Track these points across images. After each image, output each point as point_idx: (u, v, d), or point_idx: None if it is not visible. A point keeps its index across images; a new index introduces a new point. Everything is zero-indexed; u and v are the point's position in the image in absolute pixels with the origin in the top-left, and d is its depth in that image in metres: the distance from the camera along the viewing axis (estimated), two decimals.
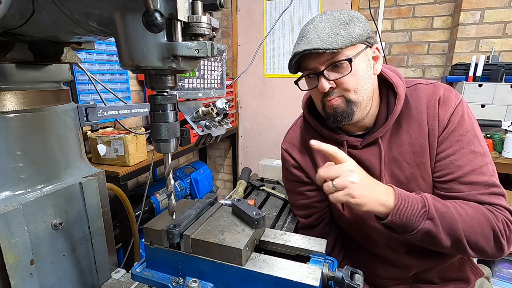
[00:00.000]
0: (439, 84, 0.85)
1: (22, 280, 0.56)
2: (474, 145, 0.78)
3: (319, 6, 2.73)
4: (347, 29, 0.76)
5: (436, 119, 0.80)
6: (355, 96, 0.79)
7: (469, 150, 0.78)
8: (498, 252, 0.75)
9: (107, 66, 2.11)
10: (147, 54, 0.42)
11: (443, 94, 0.82)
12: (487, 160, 0.79)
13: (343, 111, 0.80)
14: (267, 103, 3.15)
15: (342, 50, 0.75)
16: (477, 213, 0.73)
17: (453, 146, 0.79)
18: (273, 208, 1.33)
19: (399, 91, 0.82)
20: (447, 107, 0.80)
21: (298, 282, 0.51)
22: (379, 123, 0.87)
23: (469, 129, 0.79)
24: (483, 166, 0.77)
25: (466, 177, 0.77)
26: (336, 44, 0.74)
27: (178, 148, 0.79)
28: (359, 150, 0.88)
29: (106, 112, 0.73)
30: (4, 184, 0.57)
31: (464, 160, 0.78)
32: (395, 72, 0.89)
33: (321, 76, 0.78)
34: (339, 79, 0.78)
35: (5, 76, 0.57)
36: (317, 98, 0.85)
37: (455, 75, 2.14)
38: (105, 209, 0.75)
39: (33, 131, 0.60)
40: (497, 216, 0.74)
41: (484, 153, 0.79)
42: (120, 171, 1.67)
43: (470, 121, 0.80)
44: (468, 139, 0.78)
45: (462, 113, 0.79)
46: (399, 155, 0.84)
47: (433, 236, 0.71)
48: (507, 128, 1.85)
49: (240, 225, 0.62)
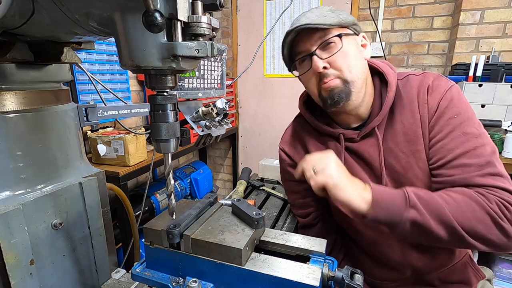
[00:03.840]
0: (429, 73, 0.85)
1: (22, 280, 0.56)
2: (467, 127, 0.75)
3: (318, 6, 2.73)
4: (335, 13, 0.81)
5: (425, 106, 0.80)
6: (351, 75, 0.80)
7: (461, 133, 0.75)
8: (507, 239, 0.66)
9: (107, 66, 2.11)
10: (147, 54, 0.42)
11: (432, 82, 0.82)
12: (483, 142, 0.74)
13: (340, 91, 0.81)
14: (267, 103, 3.15)
15: (331, 29, 0.80)
16: (464, 197, 0.68)
17: (443, 130, 0.77)
18: (273, 208, 1.33)
19: (389, 79, 0.84)
20: (436, 93, 0.80)
21: (298, 282, 0.51)
22: (374, 113, 0.87)
23: (460, 112, 0.77)
24: (478, 148, 0.73)
25: (457, 159, 0.74)
26: (326, 21, 0.78)
27: (178, 148, 0.79)
28: (357, 143, 0.88)
29: (106, 112, 0.73)
30: (4, 184, 0.57)
31: (455, 142, 0.75)
32: (386, 63, 0.90)
33: (313, 56, 0.80)
34: (332, 56, 0.80)
35: (5, 76, 0.57)
36: (313, 84, 0.85)
37: (455, 75, 2.14)
38: (105, 209, 0.75)
39: (33, 131, 0.60)
40: (489, 198, 0.67)
41: (479, 135, 0.75)
42: (120, 171, 1.67)
43: (461, 104, 0.78)
44: (460, 122, 0.76)
45: (451, 98, 0.78)
46: (394, 145, 0.84)
47: (422, 226, 0.67)
48: (507, 128, 1.85)
49: (240, 225, 0.62)
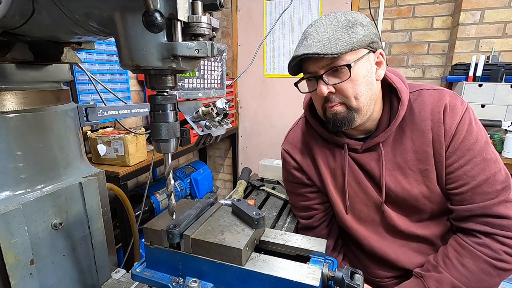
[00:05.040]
0: (445, 91, 0.83)
1: (22, 280, 0.56)
2: (485, 152, 0.77)
3: (319, 6, 2.73)
4: (349, 34, 0.74)
5: (441, 126, 0.79)
6: (356, 103, 0.78)
7: (481, 159, 0.77)
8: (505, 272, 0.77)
9: (107, 66, 2.10)
10: (147, 54, 0.42)
11: (449, 101, 0.80)
12: (500, 166, 0.78)
13: (343, 118, 0.80)
14: (267, 103, 3.15)
15: (342, 56, 0.74)
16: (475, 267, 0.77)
17: (465, 156, 0.78)
18: (273, 208, 1.33)
19: (402, 97, 0.81)
20: (454, 115, 0.78)
21: (298, 282, 0.51)
22: (381, 128, 0.86)
23: (478, 137, 0.78)
24: (497, 173, 0.77)
25: (480, 187, 0.77)
26: (336, 49, 0.72)
27: (178, 148, 0.79)
28: (360, 154, 0.88)
29: (106, 112, 0.73)
30: (4, 184, 0.57)
31: (477, 169, 0.77)
32: (399, 76, 0.87)
33: (320, 80, 0.77)
34: (338, 84, 0.77)
35: (5, 76, 0.57)
36: (318, 101, 0.85)
37: (455, 75, 2.14)
38: (105, 209, 0.75)
39: (33, 131, 0.60)
40: (497, 250, 0.75)
41: (496, 159, 0.78)
42: (120, 171, 1.67)
43: (478, 128, 0.79)
44: (479, 147, 0.77)
45: (469, 121, 0.78)
46: (403, 161, 0.83)
47: None
48: (507, 128, 1.85)
49: (240, 225, 0.62)
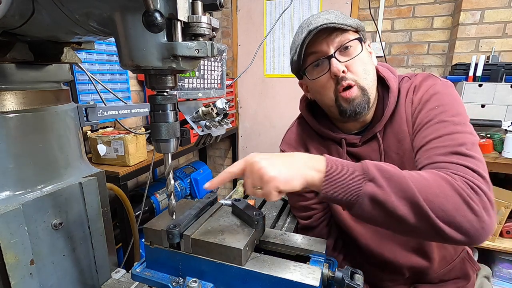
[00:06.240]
0: (421, 74, 0.85)
1: (22, 280, 0.56)
2: (446, 116, 0.70)
3: (319, 6, 2.73)
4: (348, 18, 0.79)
5: (410, 105, 0.81)
6: (366, 82, 0.79)
7: (438, 120, 0.70)
8: (479, 224, 0.54)
9: (107, 66, 2.10)
10: (147, 54, 0.42)
11: (419, 82, 0.82)
12: (462, 130, 0.67)
13: (361, 102, 0.79)
14: (267, 103, 3.15)
15: (350, 31, 0.78)
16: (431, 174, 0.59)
17: (422, 122, 0.75)
18: (273, 208, 1.32)
19: (390, 84, 0.83)
20: (419, 92, 0.80)
21: (298, 282, 0.51)
22: (376, 118, 0.87)
23: (442, 104, 0.73)
24: (454, 134, 0.66)
25: (429, 143, 0.68)
26: (346, 22, 0.76)
27: (178, 148, 0.79)
28: (359, 148, 0.88)
29: (106, 112, 0.73)
30: (4, 184, 0.57)
31: (430, 129, 0.71)
32: (386, 67, 0.90)
33: (332, 59, 0.77)
34: (350, 61, 0.78)
35: (5, 76, 0.57)
36: (329, 89, 0.81)
37: (455, 75, 2.14)
38: (105, 209, 0.75)
39: (33, 131, 0.60)
40: (454, 177, 0.57)
41: (459, 123, 0.68)
42: (120, 171, 1.67)
43: (445, 97, 0.74)
44: (440, 111, 0.71)
45: (435, 92, 0.76)
46: (387, 146, 0.84)
47: (383, 202, 0.54)
48: (507, 128, 1.84)
49: (240, 225, 0.62)
